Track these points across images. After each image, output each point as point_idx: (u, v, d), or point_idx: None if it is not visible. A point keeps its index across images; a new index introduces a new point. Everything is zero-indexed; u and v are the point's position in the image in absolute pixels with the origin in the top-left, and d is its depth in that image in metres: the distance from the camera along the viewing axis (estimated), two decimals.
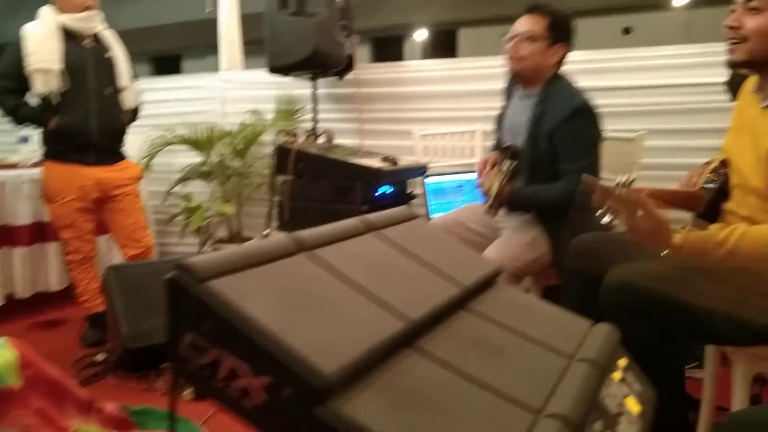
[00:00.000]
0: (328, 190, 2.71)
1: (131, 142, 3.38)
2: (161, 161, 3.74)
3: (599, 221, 1.36)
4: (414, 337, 0.90)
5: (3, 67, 2.55)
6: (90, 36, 2.66)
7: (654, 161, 2.82)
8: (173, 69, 13.38)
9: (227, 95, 4.02)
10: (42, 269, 3.23)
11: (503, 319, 1.04)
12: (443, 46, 12.51)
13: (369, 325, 0.84)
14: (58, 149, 2.63)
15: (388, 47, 12.99)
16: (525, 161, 2.13)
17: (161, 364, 2.25)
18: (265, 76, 3.35)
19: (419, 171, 2.97)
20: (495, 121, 2.41)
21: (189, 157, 3.77)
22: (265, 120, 3.71)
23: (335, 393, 0.71)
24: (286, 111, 3.66)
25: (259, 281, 0.81)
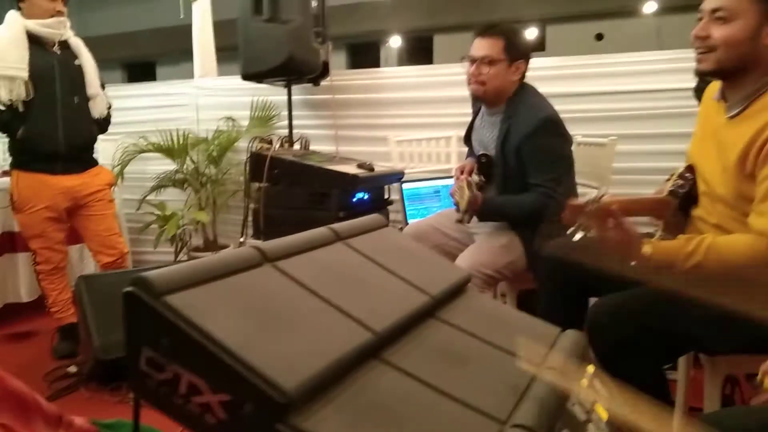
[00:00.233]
0: (304, 197, 2.69)
1: (104, 149, 3.33)
2: (135, 169, 3.69)
3: (570, 239, 1.38)
4: (380, 348, 0.89)
5: None
6: (57, 43, 2.60)
7: (626, 165, 2.86)
8: (147, 75, 13.22)
9: (201, 102, 3.97)
10: (12, 280, 3.17)
11: (471, 328, 1.04)
12: (419, 52, 12.54)
13: (333, 338, 0.82)
14: (24, 159, 2.58)
15: (364, 54, 12.99)
16: (497, 173, 2.15)
17: None
18: (240, 82, 3.32)
19: (396, 177, 2.96)
20: (464, 137, 2.44)
21: (163, 165, 3.72)
22: (240, 127, 3.68)
23: (297, 409, 0.69)
24: (261, 118, 3.64)
25: (220, 295, 0.80)
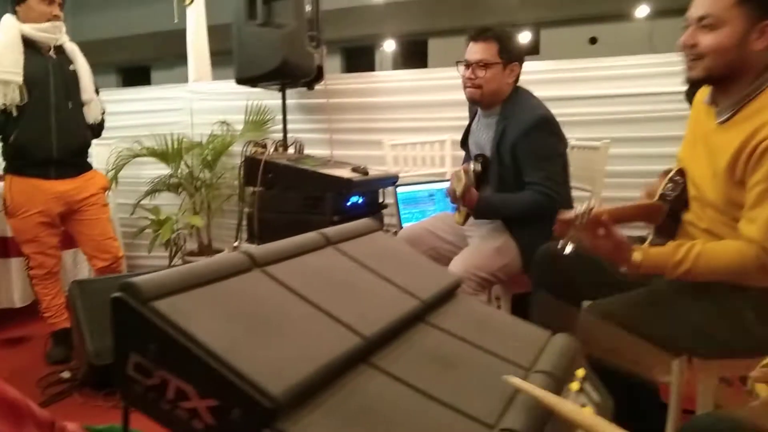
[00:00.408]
0: (298, 201, 2.69)
1: (98, 154, 3.32)
2: (129, 173, 3.69)
3: (561, 252, 1.39)
4: (369, 353, 0.89)
5: None
6: (53, 47, 2.59)
7: (619, 169, 2.87)
8: (142, 80, 13.18)
9: (196, 106, 3.97)
10: (5, 285, 3.15)
11: (461, 332, 1.04)
12: (414, 56, 12.57)
13: (322, 343, 0.82)
14: (18, 163, 2.57)
15: (359, 57, 13.00)
16: (493, 174, 2.16)
17: None
18: (234, 86, 3.32)
19: (390, 181, 2.96)
20: (461, 141, 2.45)
21: (157, 169, 3.72)
22: (235, 131, 3.68)
23: (284, 414, 0.70)
24: (255, 122, 3.64)
25: (208, 300, 0.80)
